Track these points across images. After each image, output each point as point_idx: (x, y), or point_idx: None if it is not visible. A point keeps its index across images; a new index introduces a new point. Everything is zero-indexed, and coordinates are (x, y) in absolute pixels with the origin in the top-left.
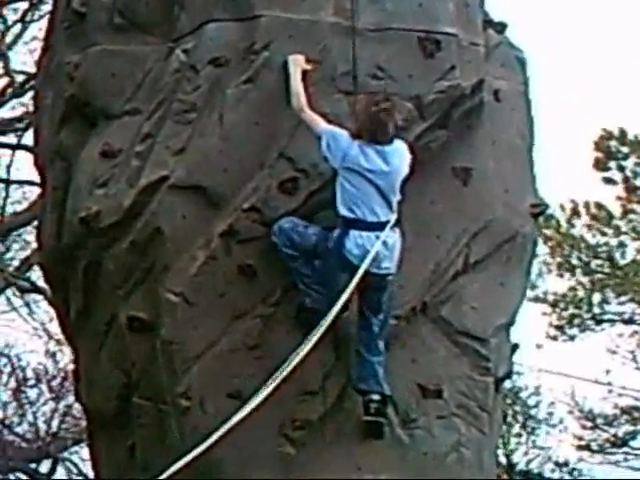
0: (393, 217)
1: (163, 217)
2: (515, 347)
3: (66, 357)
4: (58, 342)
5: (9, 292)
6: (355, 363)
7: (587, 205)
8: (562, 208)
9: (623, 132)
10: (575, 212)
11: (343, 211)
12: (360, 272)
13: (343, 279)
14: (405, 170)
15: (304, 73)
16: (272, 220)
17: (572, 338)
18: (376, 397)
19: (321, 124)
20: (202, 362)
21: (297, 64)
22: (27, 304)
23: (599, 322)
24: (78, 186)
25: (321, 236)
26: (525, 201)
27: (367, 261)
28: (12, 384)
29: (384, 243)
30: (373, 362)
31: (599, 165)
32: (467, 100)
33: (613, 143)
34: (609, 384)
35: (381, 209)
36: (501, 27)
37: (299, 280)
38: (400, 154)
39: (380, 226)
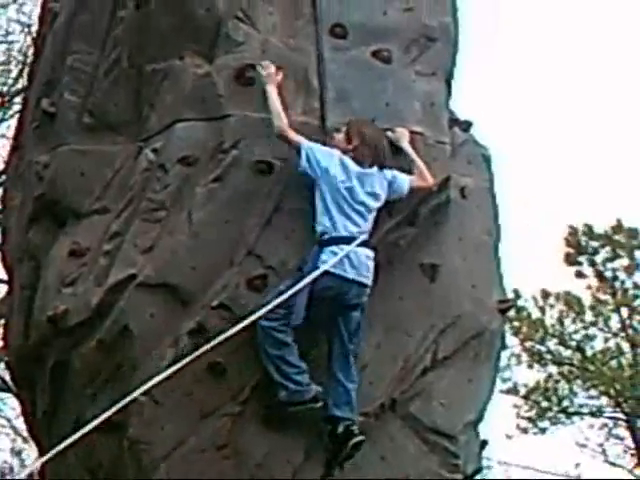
0: (364, 236)
1: (131, 316)
2: (484, 443)
3: (32, 455)
4: (25, 440)
5: None
6: (331, 389)
7: (558, 296)
8: (534, 299)
9: (589, 228)
10: (546, 301)
11: (319, 228)
12: (334, 260)
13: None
14: (383, 197)
15: (279, 86)
16: (241, 317)
17: (543, 431)
18: (350, 423)
19: (302, 139)
20: (170, 462)
21: (271, 79)
22: None
23: (569, 415)
24: (46, 285)
25: (297, 276)
26: (492, 297)
27: (336, 259)
28: None
29: (359, 255)
30: (349, 389)
31: (570, 260)
32: (434, 197)
33: (583, 238)
34: (578, 478)
35: (355, 226)
36: (466, 125)
37: (277, 372)
38: (381, 180)
39: (354, 240)
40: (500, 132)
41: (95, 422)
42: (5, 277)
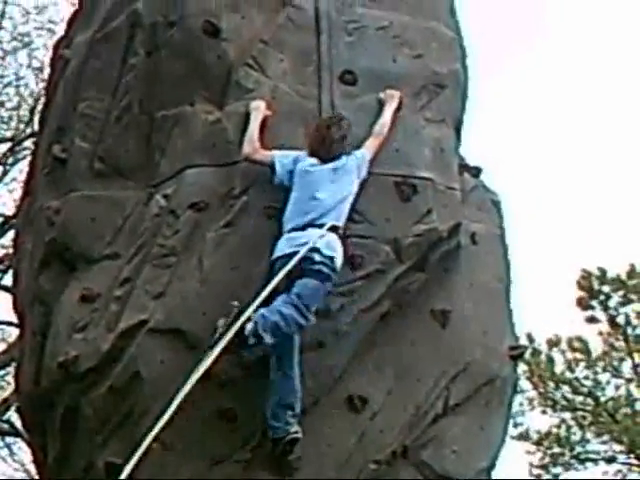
0: (330, 223)
1: (142, 361)
2: None
3: None
4: None
5: None
6: None
7: (570, 341)
8: (549, 344)
9: (603, 272)
10: (558, 347)
11: (284, 228)
12: (297, 257)
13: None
14: (349, 188)
15: (265, 119)
16: (251, 363)
17: (556, 477)
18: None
19: (270, 155)
20: None
21: (259, 111)
22: (7, 445)
23: (582, 461)
24: (57, 330)
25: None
26: (504, 343)
27: (305, 249)
28: None
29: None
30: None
31: (582, 304)
32: (444, 243)
33: (595, 282)
34: None
35: (318, 216)
36: (476, 171)
37: (278, 398)
38: (345, 170)
39: (312, 227)
40: (511, 177)
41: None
42: (16, 321)
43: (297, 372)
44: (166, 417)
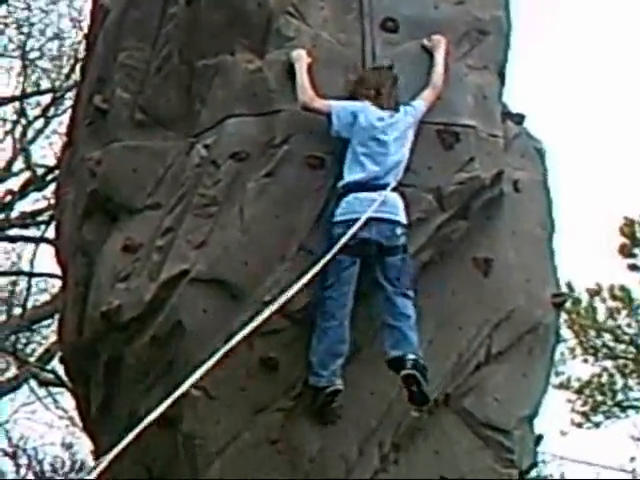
0: (393, 182)
1: (184, 311)
2: (539, 438)
3: (83, 449)
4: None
5: (32, 383)
6: (384, 335)
7: (612, 289)
8: (590, 293)
9: None
10: (599, 296)
11: (347, 178)
12: (374, 205)
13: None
14: (407, 141)
15: (309, 67)
16: (293, 312)
17: (597, 425)
18: (412, 356)
19: (328, 104)
20: (224, 457)
21: (302, 60)
22: (50, 394)
23: (624, 409)
24: (99, 280)
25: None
26: (546, 291)
27: (370, 210)
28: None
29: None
30: (400, 327)
31: (624, 251)
32: (487, 191)
33: (638, 230)
34: (633, 471)
35: (383, 173)
36: (519, 118)
37: (316, 346)
38: (404, 123)
39: (380, 187)
40: (555, 124)
41: (150, 417)
42: (59, 272)
43: (349, 321)
44: (204, 369)
